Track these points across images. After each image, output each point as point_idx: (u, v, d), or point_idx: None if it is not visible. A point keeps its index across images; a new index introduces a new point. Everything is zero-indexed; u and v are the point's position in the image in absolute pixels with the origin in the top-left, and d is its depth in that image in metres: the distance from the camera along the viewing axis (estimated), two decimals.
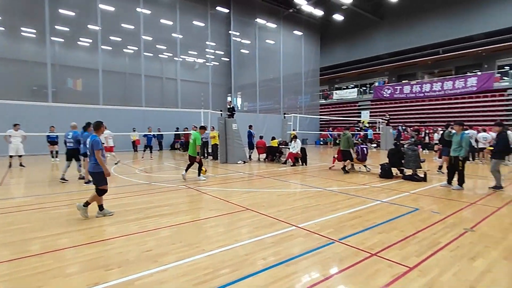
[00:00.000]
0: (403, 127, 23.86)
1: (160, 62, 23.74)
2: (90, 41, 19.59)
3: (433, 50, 24.60)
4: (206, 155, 15.30)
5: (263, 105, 27.35)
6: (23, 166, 11.40)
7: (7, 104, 12.84)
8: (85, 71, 19.31)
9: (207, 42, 24.20)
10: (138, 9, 20.40)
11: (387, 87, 27.65)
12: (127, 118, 17.88)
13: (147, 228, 4.55)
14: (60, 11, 17.97)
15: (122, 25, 20.40)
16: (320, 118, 30.25)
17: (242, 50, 26.01)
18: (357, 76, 31.66)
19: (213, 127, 14.48)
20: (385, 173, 9.15)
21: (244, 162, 13.00)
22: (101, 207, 5.14)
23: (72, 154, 8.53)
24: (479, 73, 22.69)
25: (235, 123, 13.11)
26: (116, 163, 12.59)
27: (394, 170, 9.32)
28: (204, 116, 13.09)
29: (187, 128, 19.12)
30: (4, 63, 16.86)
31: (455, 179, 7.55)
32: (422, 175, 8.71)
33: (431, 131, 20.74)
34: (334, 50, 31.94)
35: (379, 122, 23.06)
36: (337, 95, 32.66)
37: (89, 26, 19.09)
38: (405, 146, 9.81)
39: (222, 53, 25.64)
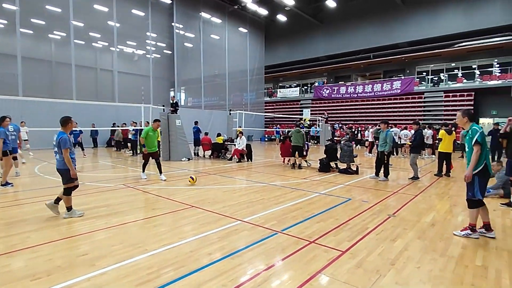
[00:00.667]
0: (340, 125, 25.85)
1: (94, 52, 21.71)
2: (6, 22, 17.01)
3: (365, 55, 27.05)
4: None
5: (208, 101, 26.96)
6: None
7: None
8: None
9: (147, 33, 22.86)
10: None
11: (326, 87, 29.60)
12: (55, 112, 15.98)
13: (82, 231, 4.21)
14: None
15: (47, 7, 18.10)
16: (265, 115, 31.03)
17: (186, 44, 25.20)
18: (299, 75, 33.19)
19: (148, 122, 13.76)
20: (323, 167, 9.85)
21: (189, 159, 12.73)
22: (69, 208, 4.85)
23: None
24: (402, 77, 25.68)
25: (178, 119, 12.73)
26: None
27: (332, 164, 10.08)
28: (145, 111, 12.43)
29: (125, 123, 17.89)
30: None
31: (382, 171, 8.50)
32: (355, 169, 9.59)
33: (363, 128, 22.84)
34: (278, 50, 32.96)
35: (319, 120, 24.59)
36: (281, 93, 33.85)
37: (4, 4, 16.52)
38: (342, 142, 10.66)
39: (164, 45, 24.52)
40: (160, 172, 8.25)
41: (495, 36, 20.99)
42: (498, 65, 22.36)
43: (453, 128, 9.39)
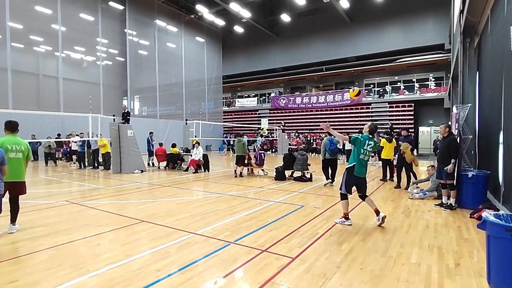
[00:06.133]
0: (296, 134, 26.74)
1: (36, 56, 19.96)
2: None
3: (318, 68, 28.52)
4: (96, 165, 13.65)
5: (164, 110, 26.16)
6: None
7: None
8: None
9: (98, 39, 21.71)
10: None
11: (282, 97, 30.53)
12: None
13: (11, 255, 3.79)
14: None
15: None
16: (224, 124, 30.99)
17: (140, 51, 24.35)
18: (257, 86, 33.84)
19: (101, 134, 13.02)
20: (279, 176, 10.07)
21: (142, 171, 12.18)
22: None
23: None
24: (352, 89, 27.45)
25: (130, 129, 12.17)
26: None
27: (287, 172, 10.36)
28: (93, 121, 11.70)
29: (70, 134, 16.59)
30: None
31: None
32: (309, 176, 9.96)
33: (318, 137, 23.89)
34: (236, 60, 33.35)
35: (276, 130, 25.20)
36: (239, 103, 34.15)
37: None
38: (298, 151, 10.99)
39: (117, 52, 23.42)
40: (13, 220, 4.79)
41: (429, 53, 23.56)
42: (433, 79, 25.07)
43: (395, 136, 10.25)
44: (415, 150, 8.72)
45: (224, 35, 32.66)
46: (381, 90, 26.34)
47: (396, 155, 9.09)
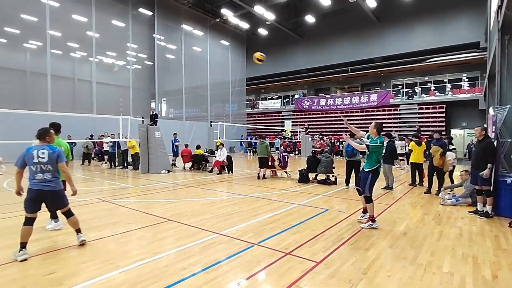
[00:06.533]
0: (320, 136, 26.36)
1: (72, 62, 21.24)
2: None
3: (343, 69, 27.98)
4: (126, 165, 14.25)
5: (189, 112, 26.83)
6: None
7: None
8: None
9: (128, 44, 22.69)
10: (43, 0, 17.97)
11: (306, 99, 30.25)
12: (28, 123, 15.38)
13: (50, 249, 4.05)
14: None
15: (22, 15, 17.65)
16: (247, 126, 31.22)
17: (167, 55, 25.18)
18: (281, 87, 33.78)
19: (129, 136, 13.48)
20: (303, 178, 9.97)
21: (168, 172, 12.54)
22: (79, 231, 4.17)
23: None
24: (379, 90, 26.69)
25: (158, 130, 12.57)
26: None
27: (311, 175, 10.23)
28: (123, 122, 12.22)
29: (103, 135, 17.43)
30: None
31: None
32: (333, 179, 9.77)
33: (342, 140, 23.40)
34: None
35: (299, 132, 24.99)
36: (263, 105, 34.24)
37: None
38: (323, 153, 10.80)
39: (145, 56, 24.38)
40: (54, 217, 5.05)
41: (462, 52, 22.35)
42: (467, 79, 23.74)
43: (425, 140, 9.82)
44: (445, 153, 8.27)
45: (248, 37, 32.93)
46: (410, 91, 25.33)
47: (427, 159, 8.71)
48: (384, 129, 5.71)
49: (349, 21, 26.98)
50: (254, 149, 24.52)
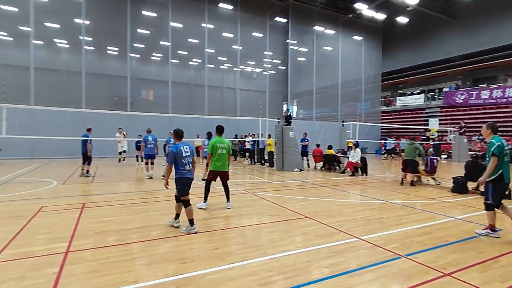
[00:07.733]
0: (479, 137, 21.26)
1: (221, 73, 25.17)
2: (161, 55, 21.72)
3: None
4: (263, 161, 15.68)
5: (319, 112, 26.96)
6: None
7: (94, 112, 14.99)
8: (156, 83, 21.53)
9: (265, 52, 24.92)
10: (203, 25, 21.98)
11: (461, 92, 25.01)
12: (192, 125, 19.29)
13: (214, 228, 4.91)
14: (138, 30, 20.35)
15: (189, 40, 22.21)
16: (382, 126, 28.62)
17: (299, 58, 26.15)
18: (424, 81, 29.30)
19: (270, 135, 14.76)
20: (459, 188, 8.30)
21: (301, 170, 12.97)
22: (177, 216, 4.91)
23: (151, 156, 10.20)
24: None
25: (292, 131, 13.20)
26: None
27: (471, 184, 8.39)
28: (261, 123, 13.46)
29: (246, 135, 19.81)
30: (93, 78, 19.54)
31: None
32: (507, 192, 7.67)
33: None
34: (398, 54, 30.09)
35: (450, 131, 20.93)
36: (401, 101, 30.60)
37: (161, 42, 21.21)
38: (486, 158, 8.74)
39: (279, 61, 26.13)
40: (228, 199, 6.32)
41: None
42: None
43: None
44: None
45: (384, 29, 30.09)
46: None
47: None
48: None
49: None
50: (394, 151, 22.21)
